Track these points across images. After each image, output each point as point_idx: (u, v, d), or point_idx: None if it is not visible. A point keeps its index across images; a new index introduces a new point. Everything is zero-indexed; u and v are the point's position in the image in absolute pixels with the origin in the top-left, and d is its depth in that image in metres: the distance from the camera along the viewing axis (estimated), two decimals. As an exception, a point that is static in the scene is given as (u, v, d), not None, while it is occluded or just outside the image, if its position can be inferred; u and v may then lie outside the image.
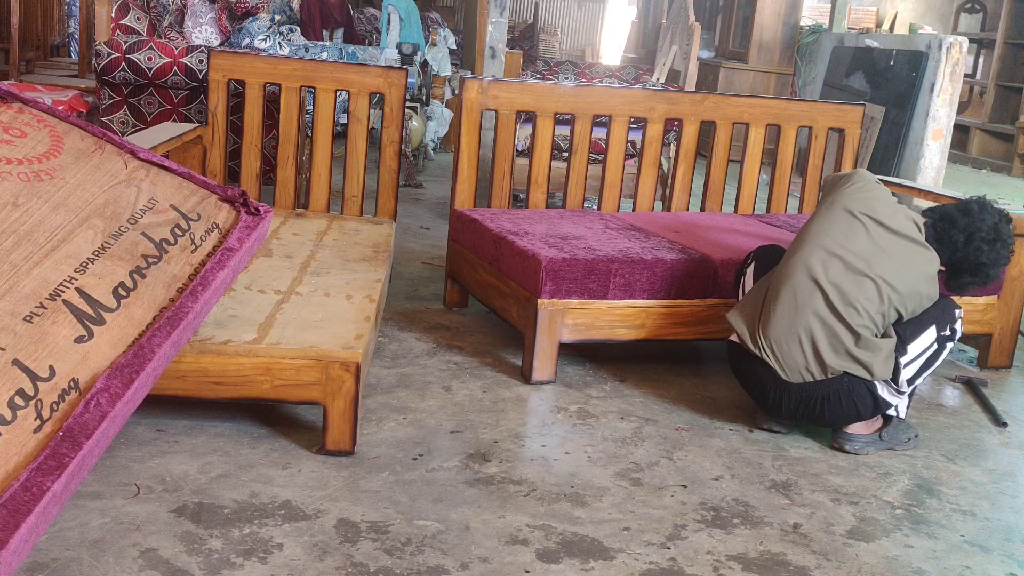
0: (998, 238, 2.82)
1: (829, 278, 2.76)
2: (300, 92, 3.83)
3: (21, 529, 1.53)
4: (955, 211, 2.85)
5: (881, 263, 2.75)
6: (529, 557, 2.10)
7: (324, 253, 3.28)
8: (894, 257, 2.77)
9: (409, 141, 6.21)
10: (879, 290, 2.74)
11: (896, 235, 2.79)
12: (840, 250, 2.78)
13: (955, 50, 6.13)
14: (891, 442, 2.86)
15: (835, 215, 2.84)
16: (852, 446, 2.82)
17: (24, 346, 1.77)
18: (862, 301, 2.73)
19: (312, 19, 8.25)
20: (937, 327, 2.82)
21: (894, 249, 2.78)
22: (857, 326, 2.73)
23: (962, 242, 2.81)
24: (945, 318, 2.84)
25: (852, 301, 2.73)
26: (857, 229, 2.79)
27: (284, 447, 2.51)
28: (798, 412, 2.84)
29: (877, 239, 2.78)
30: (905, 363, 2.78)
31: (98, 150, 2.28)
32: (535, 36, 15.05)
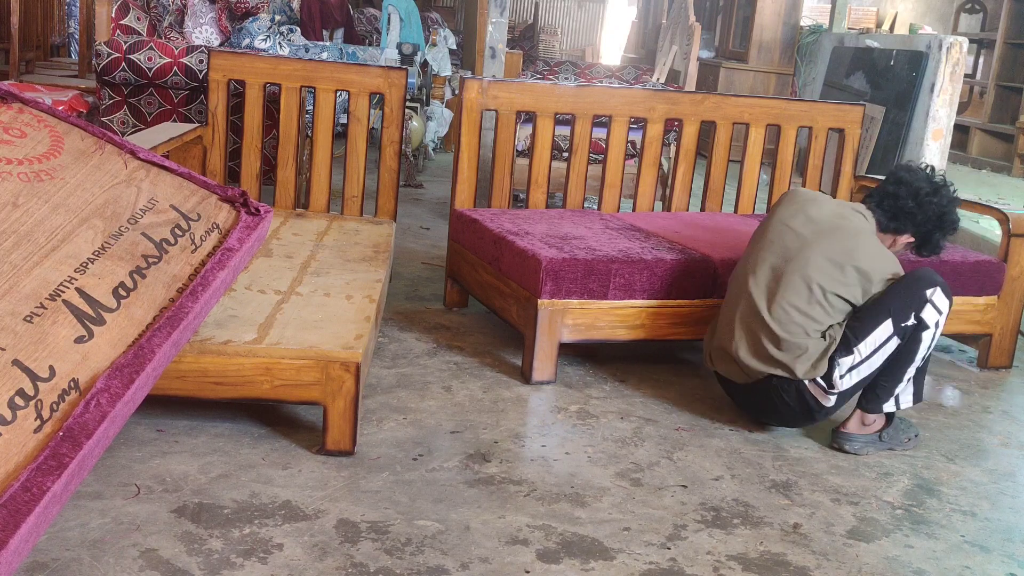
0: (937, 186, 2.91)
1: (757, 282, 2.83)
2: (300, 92, 3.83)
3: (21, 529, 1.53)
4: (890, 186, 2.93)
5: (808, 254, 2.77)
6: (529, 557, 2.10)
7: (324, 253, 3.28)
8: (823, 245, 2.78)
9: (409, 141, 6.21)
10: (808, 284, 2.74)
11: (824, 225, 2.82)
12: (770, 256, 2.84)
13: (955, 50, 6.12)
14: (891, 442, 2.86)
15: (768, 225, 2.93)
16: (851, 446, 2.82)
17: (24, 346, 1.77)
18: (788, 298, 2.75)
19: (312, 19, 8.26)
20: (895, 318, 2.73)
21: (823, 237, 2.80)
22: (779, 323, 2.75)
23: (913, 206, 2.87)
24: (907, 306, 2.73)
25: (778, 299, 2.77)
26: (785, 232, 2.85)
27: (284, 447, 2.51)
28: (753, 411, 2.95)
29: (804, 233, 2.82)
30: (852, 364, 2.74)
31: (98, 150, 2.28)
32: (535, 36, 15.05)
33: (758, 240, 2.94)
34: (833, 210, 2.89)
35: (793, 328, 2.74)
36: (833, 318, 2.76)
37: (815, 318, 2.74)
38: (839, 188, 4.36)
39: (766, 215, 3.04)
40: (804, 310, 2.74)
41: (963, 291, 3.56)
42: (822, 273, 2.75)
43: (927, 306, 2.75)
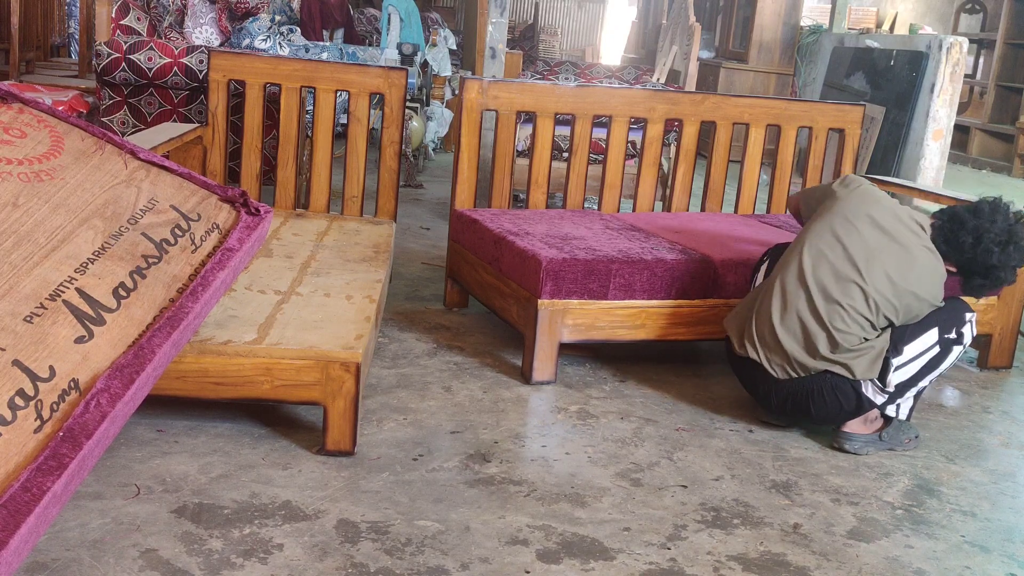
0: (1010, 240, 2.75)
1: (816, 279, 2.78)
2: (300, 92, 3.83)
3: (21, 529, 1.53)
4: (965, 212, 2.81)
5: (872, 267, 2.75)
6: (529, 557, 2.10)
7: (324, 253, 3.28)
8: (886, 261, 2.75)
9: (409, 141, 6.21)
10: (865, 295, 2.73)
11: (890, 238, 2.78)
12: (830, 253, 2.79)
13: (955, 50, 6.12)
14: (891, 442, 2.86)
15: (830, 218, 2.85)
16: (852, 446, 2.82)
17: (24, 346, 1.77)
18: (846, 305, 2.74)
19: (312, 19, 8.26)
20: (940, 329, 2.79)
21: (887, 252, 2.76)
22: (837, 330, 2.73)
23: (970, 244, 2.76)
24: (951, 321, 2.80)
25: (836, 304, 2.74)
26: (851, 232, 2.80)
27: (284, 447, 2.51)
28: (786, 407, 2.87)
29: (870, 241, 2.78)
30: (898, 364, 2.76)
31: (98, 150, 2.28)
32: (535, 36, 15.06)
33: (818, 231, 2.85)
34: (896, 216, 2.82)
35: (849, 335, 2.74)
36: (877, 331, 2.78)
37: (868, 326, 2.75)
38: (839, 188, 4.35)
39: (821, 206, 2.94)
40: (859, 319, 2.74)
41: (963, 291, 3.56)
42: (879, 291, 2.74)
43: (967, 325, 2.82)
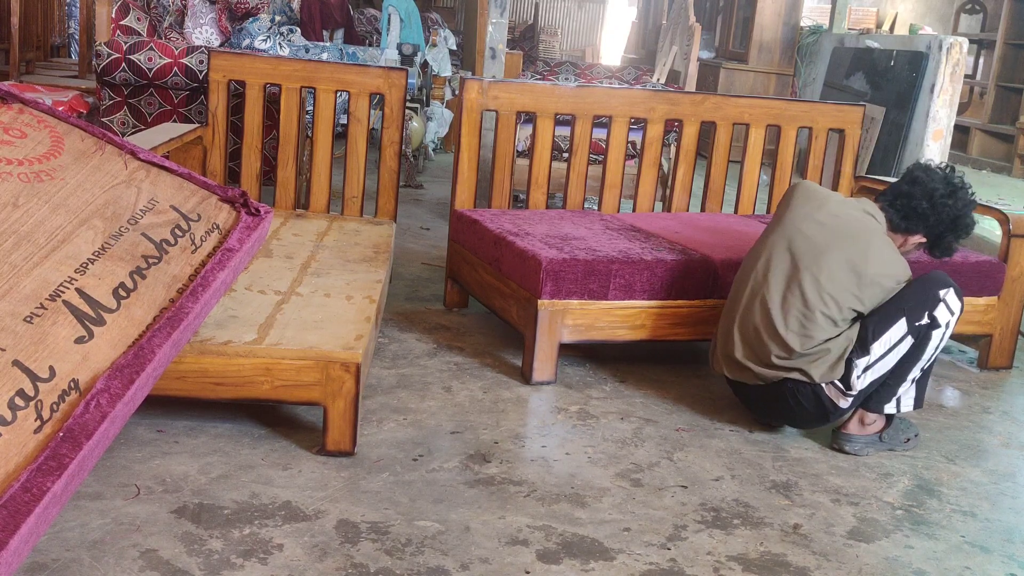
0: (954, 188, 2.84)
1: (768, 290, 2.80)
2: (300, 93, 3.83)
3: (21, 530, 1.53)
4: (904, 185, 2.87)
5: (820, 265, 2.75)
6: (529, 558, 2.10)
7: (324, 254, 3.28)
8: (837, 256, 2.75)
9: (409, 142, 6.21)
10: (821, 293, 2.73)
11: (839, 232, 2.79)
12: (779, 261, 2.82)
13: (955, 51, 6.12)
14: (891, 443, 2.86)
15: (777, 228, 2.89)
16: (851, 447, 2.82)
17: (24, 347, 1.77)
18: (802, 308, 2.74)
19: (312, 20, 8.26)
20: (909, 318, 2.73)
21: (839, 245, 2.77)
22: (796, 333, 2.73)
23: (927, 208, 2.82)
24: (921, 305, 2.74)
25: (794, 309, 2.74)
26: (796, 237, 2.82)
27: (284, 448, 2.51)
28: (764, 412, 2.91)
29: (818, 241, 2.79)
30: (866, 365, 2.73)
31: (98, 151, 2.28)
32: (535, 37, 15.06)
33: (766, 244, 2.89)
34: (844, 212, 2.85)
35: (806, 339, 2.73)
36: (844, 325, 2.75)
37: (827, 327, 2.73)
38: (839, 189, 4.35)
39: (773, 216, 3.01)
40: (817, 320, 2.72)
41: (963, 291, 3.54)
42: (835, 284, 2.73)
43: (940, 305, 2.76)
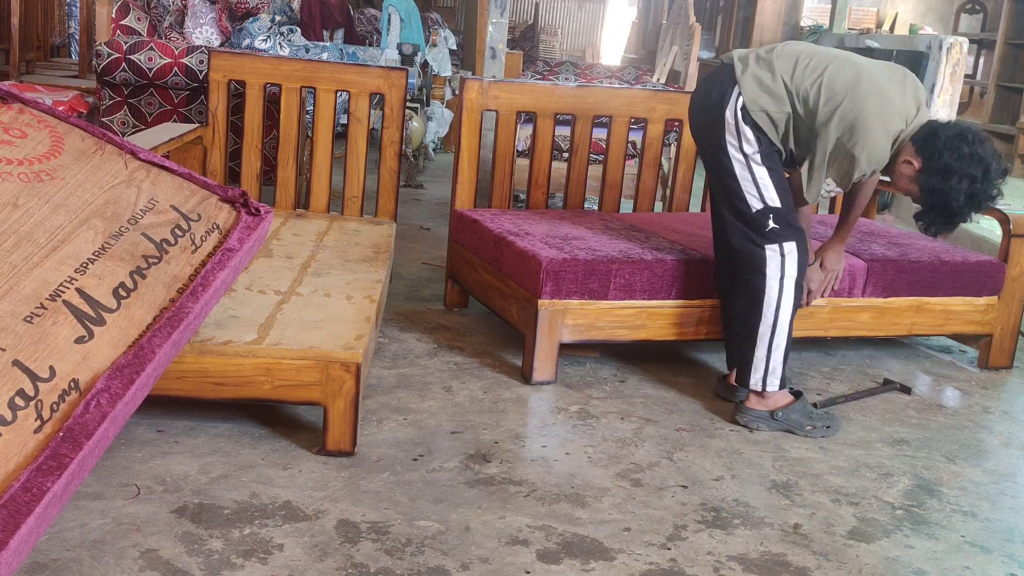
0: (981, 174, 2.70)
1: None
2: (300, 93, 3.83)
3: (21, 530, 1.53)
4: (953, 128, 2.75)
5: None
6: (529, 558, 2.10)
7: (324, 254, 3.28)
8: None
9: (409, 142, 6.21)
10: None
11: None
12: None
13: (955, 51, 6.12)
14: (786, 423, 2.86)
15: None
16: (742, 418, 2.88)
17: (24, 347, 1.77)
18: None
19: (312, 19, 8.26)
20: (748, 214, 2.85)
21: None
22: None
23: (947, 160, 2.69)
24: (761, 223, 2.83)
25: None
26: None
27: (284, 448, 2.51)
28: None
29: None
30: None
31: (98, 151, 2.28)
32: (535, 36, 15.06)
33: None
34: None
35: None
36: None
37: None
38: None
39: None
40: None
41: (963, 291, 3.56)
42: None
43: (774, 247, 2.85)
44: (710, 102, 2.92)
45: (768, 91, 2.83)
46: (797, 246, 2.87)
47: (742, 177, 2.86)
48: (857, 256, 3.47)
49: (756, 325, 2.89)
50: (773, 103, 2.83)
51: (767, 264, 2.86)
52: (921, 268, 3.49)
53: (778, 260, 2.86)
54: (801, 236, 2.90)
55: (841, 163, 2.77)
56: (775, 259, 2.86)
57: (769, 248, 2.86)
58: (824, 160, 2.78)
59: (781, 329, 2.88)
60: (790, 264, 2.86)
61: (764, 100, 2.83)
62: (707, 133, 2.94)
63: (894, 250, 3.57)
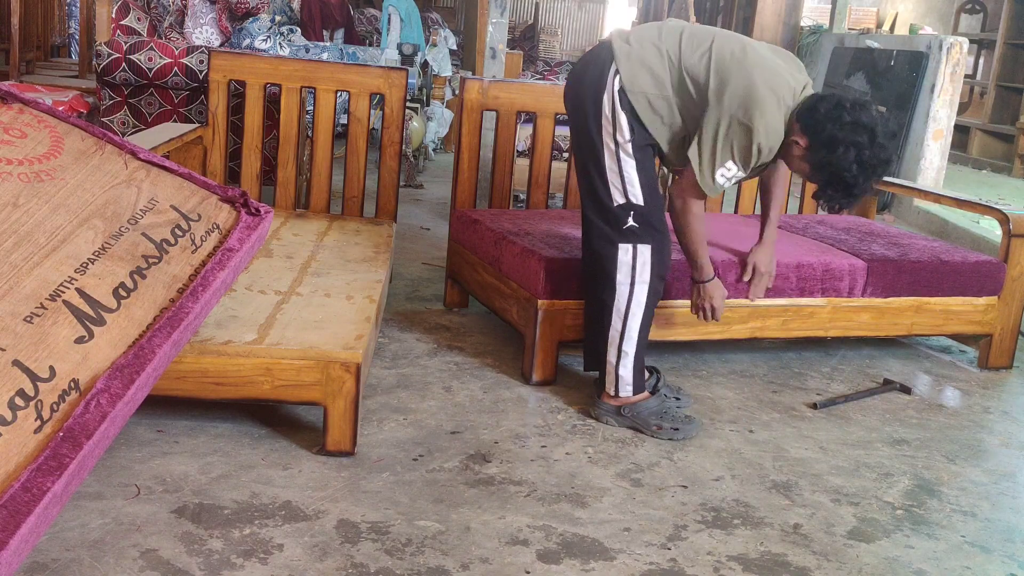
0: (868, 141, 2.59)
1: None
2: (300, 93, 3.83)
3: (21, 530, 1.53)
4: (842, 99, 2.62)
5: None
6: (530, 558, 2.10)
7: (324, 254, 3.28)
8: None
9: (409, 142, 6.21)
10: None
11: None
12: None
13: (955, 51, 6.12)
14: (633, 420, 2.80)
15: None
16: (594, 411, 2.87)
17: (24, 347, 1.77)
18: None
19: (312, 20, 8.26)
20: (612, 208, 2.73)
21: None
22: None
23: (830, 131, 2.58)
24: (620, 218, 2.73)
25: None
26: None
27: (284, 448, 2.51)
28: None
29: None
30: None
31: (98, 151, 2.28)
32: (535, 36, 15.07)
33: None
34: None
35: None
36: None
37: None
38: (839, 188, 4.35)
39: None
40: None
41: (963, 291, 3.56)
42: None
43: (627, 248, 2.73)
44: (585, 82, 2.76)
45: (650, 71, 2.69)
46: (652, 250, 2.74)
47: (609, 168, 2.71)
48: (857, 256, 3.47)
49: (607, 330, 2.80)
50: (654, 84, 2.68)
51: (618, 267, 2.74)
52: (921, 268, 3.49)
53: (629, 263, 2.73)
54: (661, 241, 2.76)
55: (739, 139, 2.62)
56: (627, 261, 2.73)
57: (623, 247, 2.73)
58: (717, 140, 2.63)
59: (630, 336, 2.79)
60: (642, 269, 2.74)
61: (644, 81, 2.68)
62: (579, 115, 2.78)
63: (894, 250, 3.58)
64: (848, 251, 3.52)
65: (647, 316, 2.81)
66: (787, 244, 3.55)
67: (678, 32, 2.74)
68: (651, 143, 2.75)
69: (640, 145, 2.72)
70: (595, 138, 2.73)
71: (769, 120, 2.61)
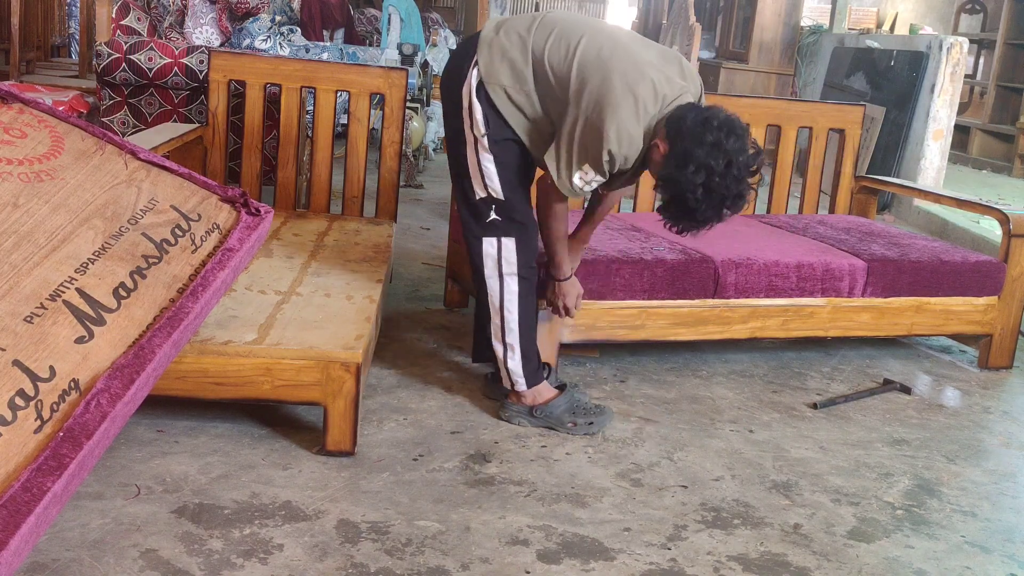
0: (725, 166, 2.38)
1: None
2: (300, 93, 3.83)
3: (21, 529, 1.53)
4: (691, 113, 2.43)
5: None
6: (530, 558, 2.10)
7: (324, 254, 3.28)
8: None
9: (409, 142, 6.21)
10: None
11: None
12: None
13: (955, 51, 6.12)
14: (546, 420, 2.76)
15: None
16: (504, 413, 2.80)
17: (24, 347, 1.77)
18: None
19: (312, 19, 8.26)
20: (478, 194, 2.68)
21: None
22: None
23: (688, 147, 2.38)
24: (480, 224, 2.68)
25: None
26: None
27: (284, 448, 2.51)
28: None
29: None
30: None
31: (99, 151, 2.28)
32: (535, 37, 15.04)
33: None
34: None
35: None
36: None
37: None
38: (839, 188, 4.36)
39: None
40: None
41: (963, 291, 3.56)
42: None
43: (492, 241, 2.68)
44: (451, 72, 2.69)
45: (511, 64, 2.57)
46: (517, 243, 2.67)
47: (470, 161, 2.64)
48: (857, 256, 3.47)
49: (487, 323, 2.77)
50: (512, 78, 2.56)
51: (484, 259, 2.69)
52: (921, 268, 3.49)
53: (495, 255, 2.67)
54: (524, 233, 2.68)
55: (591, 143, 2.46)
56: (492, 254, 2.68)
57: (487, 241, 2.67)
58: (573, 142, 2.49)
59: (511, 329, 2.73)
60: (507, 262, 2.68)
61: (503, 74, 2.57)
62: (447, 105, 2.72)
63: (894, 250, 3.58)
64: (848, 251, 3.52)
65: (524, 308, 2.73)
66: (787, 244, 3.55)
67: (551, 26, 2.59)
68: (511, 137, 2.63)
69: (497, 139, 2.61)
70: (460, 131, 2.66)
71: (622, 125, 2.44)
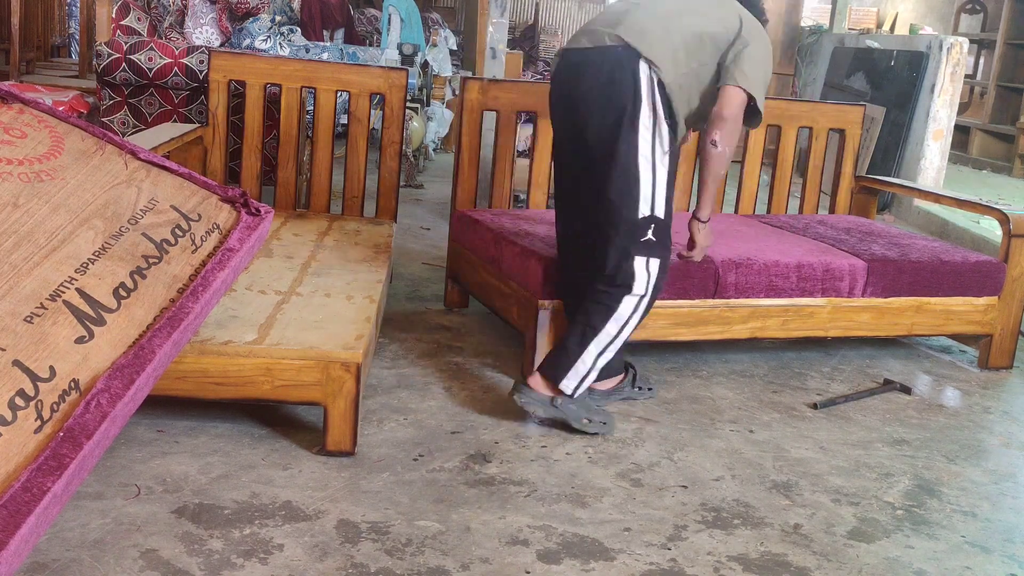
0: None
1: None
2: (301, 93, 3.83)
3: (22, 529, 1.53)
4: None
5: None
6: (530, 558, 2.10)
7: (324, 254, 3.28)
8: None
9: (410, 142, 6.21)
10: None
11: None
12: None
13: (955, 51, 6.12)
14: (564, 413, 2.73)
15: None
16: (520, 398, 2.74)
17: (24, 347, 1.77)
18: None
19: (313, 20, 8.26)
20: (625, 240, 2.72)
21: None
22: None
23: None
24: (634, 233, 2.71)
25: None
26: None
27: (284, 448, 2.51)
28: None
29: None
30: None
31: (99, 151, 2.27)
32: (536, 37, 15.05)
33: None
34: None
35: None
36: None
37: None
38: (840, 188, 4.36)
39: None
40: None
41: (963, 291, 3.56)
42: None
43: (643, 261, 2.71)
44: (612, 83, 2.65)
45: (672, 52, 2.66)
46: (661, 265, 2.74)
47: (643, 179, 2.64)
48: (857, 256, 3.47)
49: (598, 330, 2.73)
50: (682, 63, 2.68)
51: (634, 278, 2.70)
52: (921, 268, 3.49)
53: (644, 275, 2.72)
54: (668, 257, 2.76)
55: (763, 66, 2.74)
56: (641, 273, 2.71)
57: (638, 260, 2.70)
58: (755, 67, 2.70)
59: (619, 345, 2.78)
60: (652, 285, 2.74)
61: (680, 74, 2.67)
62: (600, 122, 2.67)
63: (894, 250, 3.58)
64: (848, 251, 3.52)
65: (636, 327, 2.80)
66: (787, 244, 3.55)
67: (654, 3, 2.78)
68: (675, 142, 2.72)
69: (672, 151, 2.69)
70: (629, 145, 2.63)
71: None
